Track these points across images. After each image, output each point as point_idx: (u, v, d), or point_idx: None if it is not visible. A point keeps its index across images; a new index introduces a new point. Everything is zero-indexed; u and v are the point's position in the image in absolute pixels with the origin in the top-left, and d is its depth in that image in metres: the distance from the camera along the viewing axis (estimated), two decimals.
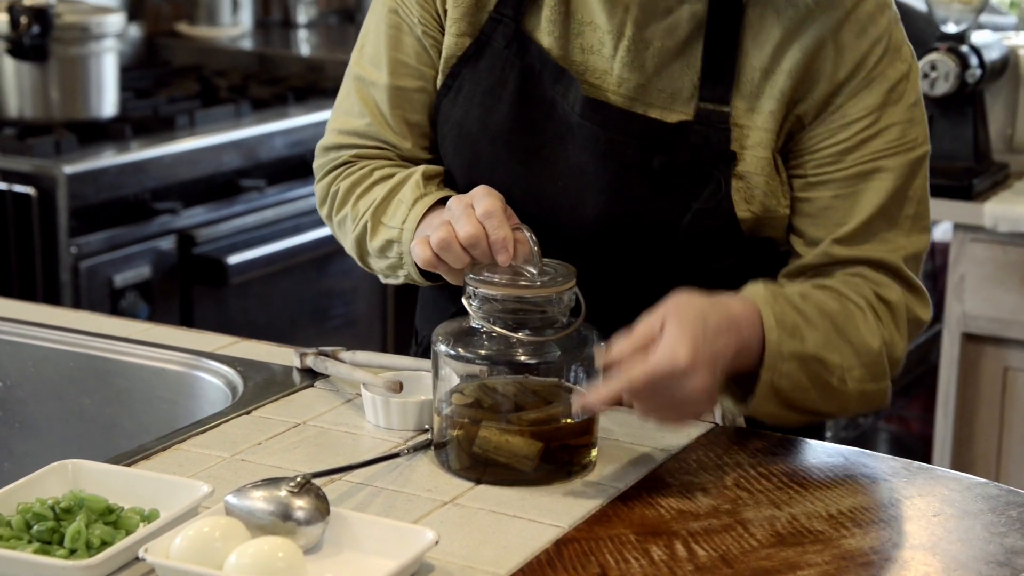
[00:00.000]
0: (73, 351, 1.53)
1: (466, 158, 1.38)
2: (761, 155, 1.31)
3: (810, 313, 1.28)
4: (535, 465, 1.20)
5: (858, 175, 1.32)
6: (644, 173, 1.32)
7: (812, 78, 1.30)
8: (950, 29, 2.65)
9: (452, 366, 1.21)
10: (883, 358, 1.30)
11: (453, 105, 1.39)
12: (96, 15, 2.78)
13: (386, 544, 1.07)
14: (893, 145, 1.32)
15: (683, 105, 1.32)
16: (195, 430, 1.30)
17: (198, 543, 1.03)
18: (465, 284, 1.22)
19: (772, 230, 1.35)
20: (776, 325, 1.25)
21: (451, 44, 1.39)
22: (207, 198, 2.81)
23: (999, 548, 1.13)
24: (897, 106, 1.32)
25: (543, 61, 1.35)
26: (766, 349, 1.25)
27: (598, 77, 1.34)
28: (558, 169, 1.35)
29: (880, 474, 1.26)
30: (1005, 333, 2.57)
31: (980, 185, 2.59)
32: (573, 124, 1.34)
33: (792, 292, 1.30)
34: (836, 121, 1.31)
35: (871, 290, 1.32)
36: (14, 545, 1.06)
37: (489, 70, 1.37)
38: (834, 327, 1.28)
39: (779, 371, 1.25)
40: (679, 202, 1.32)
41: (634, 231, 1.34)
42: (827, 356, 1.27)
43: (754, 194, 1.32)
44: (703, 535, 1.13)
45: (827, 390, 1.28)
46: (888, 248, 1.33)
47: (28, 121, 2.73)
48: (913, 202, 1.34)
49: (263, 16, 3.81)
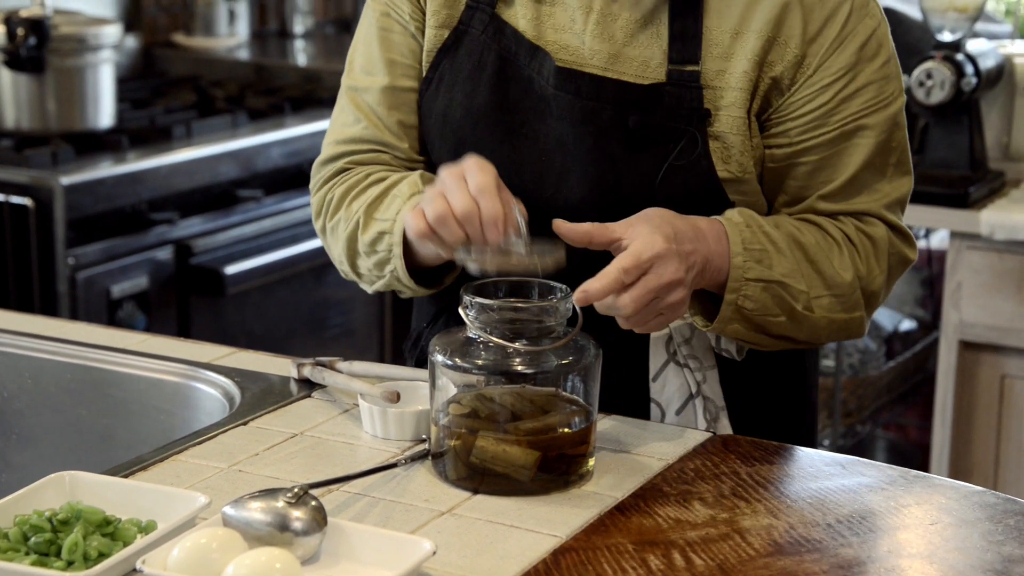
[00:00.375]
0: (70, 362, 1.53)
1: (451, 144, 1.40)
2: (736, 115, 1.34)
3: (780, 242, 1.33)
4: (532, 475, 1.20)
5: (841, 135, 1.36)
6: (621, 135, 1.35)
7: (782, 39, 1.33)
8: (945, 37, 2.65)
9: (449, 376, 1.21)
10: (855, 290, 1.36)
11: (436, 96, 1.42)
12: (93, 26, 2.78)
13: (383, 554, 1.07)
14: (872, 103, 1.36)
15: (654, 72, 1.35)
16: (192, 441, 1.30)
17: (195, 554, 1.03)
18: (461, 294, 1.22)
19: (749, 197, 1.37)
20: (743, 250, 1.31)
21: (431, 37, 1.42)
22: (204, 208, 2.81)
23: (996, 556, 1.13)
24: (872, 63, 1.35)
25: (518, 41, 1.38)
26: (730, 271, 1.30)
27: (571, 53, 1.37)
28: (539, 144, 1.37)
29: (877, 482, 1.26)
30: (1002, 341, 2.57)
31: (976, 193, 2.59)
32: (549, 97, 1.36)
33: (768, 220, 1.34)
34: (814, 84, 1.34)
35: (853, 225, 1.38)
36: (11, 557, 1.06)
37: (468, 56, 1.40)
38: (805, 257, 1.34)
39: (743, 293, 1.31)
40: (657, 161, 1.35)
41: (617, 197, 1.36)
42: (792, 283, 1.33)
43: (731, 154, 1.35)
44: (700, 544, 1.13)
45: (793, 315, 1.33)
46: (873, 198, 1.38)
47: (25, 132, 2.73)
48: (896, 151, 1.39)
49: (260, 26, 3.81)
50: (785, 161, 1.37)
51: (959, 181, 2.60)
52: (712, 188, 1.35)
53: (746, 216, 1.33)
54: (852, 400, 2.95)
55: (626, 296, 1.21)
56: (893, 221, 1.39)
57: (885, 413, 3.06)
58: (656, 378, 1.41)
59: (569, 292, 1.23)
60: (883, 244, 1.38)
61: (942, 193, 2.57)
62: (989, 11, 3.09)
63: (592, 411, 1.23)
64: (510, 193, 1.26)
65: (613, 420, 1.36)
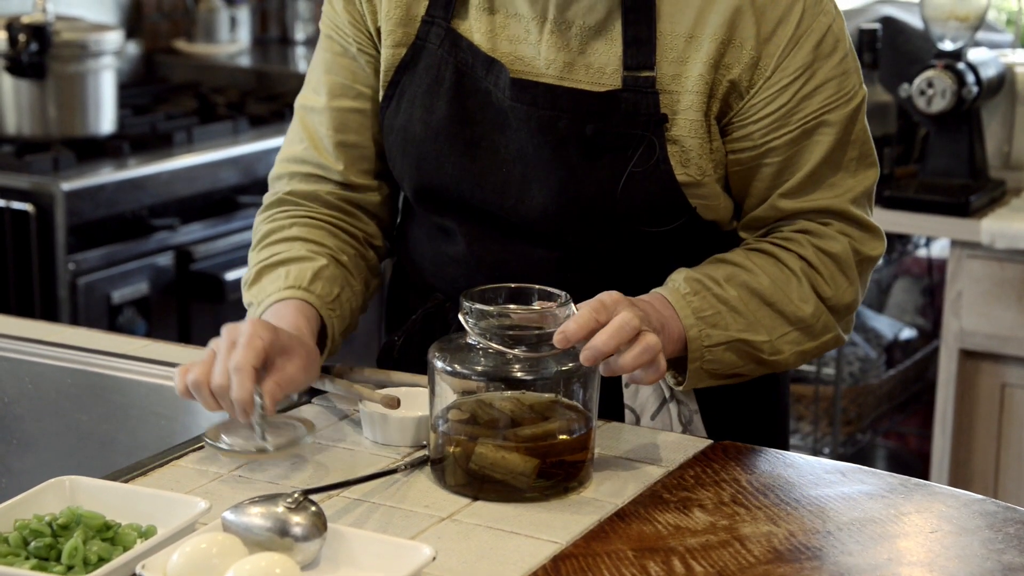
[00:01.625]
0: (71, 367, 1.53)
1: (412, 160, 1.41)
2: (693, 118, 1.34)
3: (732, 299, 1.34)
4: (531, 482, 1.20)
5: (803, 133, 1.36)
6: (579, 144, 1.35)
7: (737, 41, 1.33)
8: (947, 46, 2.65)
9: (448, 382, 1.21)
10: (819, 318, 1.38)
11: (396, 114, 1.43)
12: (94, 32, 2.78)
13: (383, 560, 1.06)
14: (832, 99, 1.36)
15: (610, 78, 1.35)
16: (192, 446, 1.30)
17: (195, 559, 1.03)
18: (461, 301, 1.22)
19: (711, 200, 1.38)
20: (696, 320, 1.32)
21: (388, 56, 1.43)
22: (205, 214, 2.81)
23: (997, 565, 1.13)
24: (829, 60, 1.35)
25: (474, 54, 1.38)
26: (688, 342, 1.32)
27: (527, 64, 1.37)
28: (499, 157, 1.38)
29: (878, 490, 1.26)
30: (1002, 350, 2.57)
31: (977, 202, 2.59)
32: (506, 109, 1.37)
33: (717, 275, 1.35)
34: (772, 86, 1.34)
35: (812, 247, 1.38)
36: (11, 562, 1.06)
37: (427, 70, 1.40)
38: (763, 302, 1.35)
39: (706, 359, 1.34)
40: (616, 168, 1.35)
41: (578, 206, 1.36)
42: (752, 337, 1.35)
43: (689, 157, 1.35)
44: (700, 551, 1.13)
45: (761, 361, 1.37)
46: (834, 193, 1.39)
47: (26, 138, 2.73)
48: (856, 145, 1.39)
49: (261, 33, 3.81)
50: (750, 164, 1.37)
51: (960, 190, 2.60)
52: (672, 193, 1.35)
53: (692, 283, 1.34)
54: (852, 408, 2.95)
55: (604, 335, 1.20)
56: (857, 216, 1.39)
57: (885, 421, 3.06)
58: (628, 384, 1.41)
59: (569, 299, 1.23)
60: (846, 257, 1.38)
61: (943, 202, 2.57)
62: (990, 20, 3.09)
63: (592, 418, 1.23)
64: (271, 371, 1.25)
65: (613, 426, 1.36)
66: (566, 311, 1.22)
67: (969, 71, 2.62)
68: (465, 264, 1.43)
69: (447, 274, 1.45)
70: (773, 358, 1.36)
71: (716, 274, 1.35)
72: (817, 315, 1.38)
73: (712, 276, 1.35)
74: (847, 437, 2.94)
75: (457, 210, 1.42)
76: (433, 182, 1.41)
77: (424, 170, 1.41)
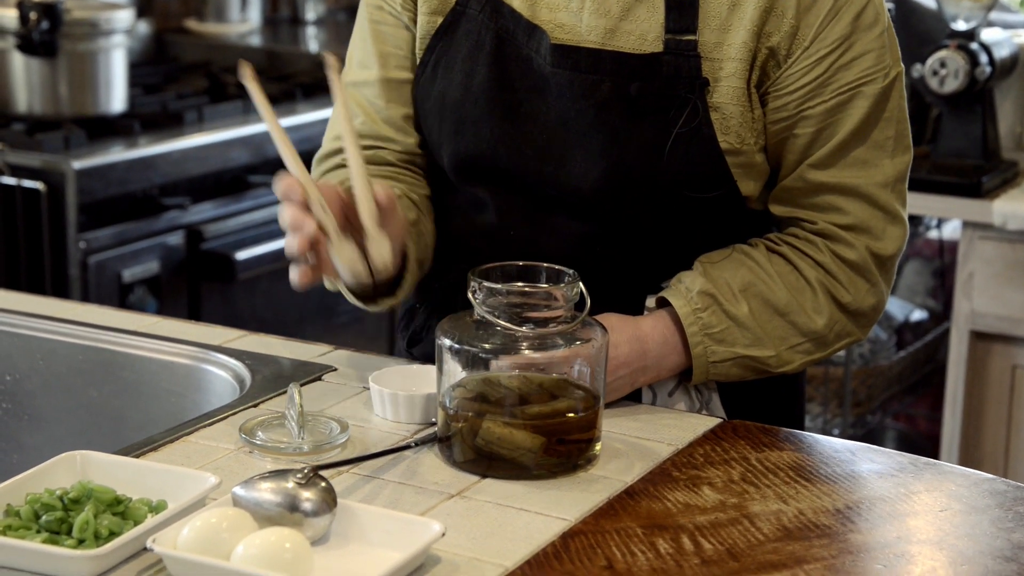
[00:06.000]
0: (82, 344, 1.53)
1: (451, 124, 1.40)
2: (735, 85, 1.34)
3: (743, 315, 1.35)
4: (538, 459, 1.20)
5: (837, 105, 1.36)
6: (622, 107, 1.34)
7: (779, 9, 1.33)
8: (960, 27, 2.64)
9: (456, 360, 1.21)
10: (832, 328, 1.38)
11: (433, 80, 1.42)
12: (105, 11, 2.78)
13: (393, 536, 1.07)
14: (869, 72, 1.35)
15: (652, 44, 1.35)
16: (203, 422, 1.30)
17: (205, 534, 1.03)
18: (469, 278, 1.22)
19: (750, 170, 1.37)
20: (703, 338, 1.35)
21: (423, 24, 1.42)
22: (215, 194, 2.81)
23: (1006, 543, 1.13)
24: (868, 32, 1.35)
25: (516, 20, 1.38)
26: (693, 360, 1.36)
27: (567, 31, 1.37)
28: (540, 123, 1.37)
29: (887, 469, 1.26)
30: (1014, 331, 2.57)
31: (989, 183, 2.58)
32: (547, 75, 1.36)
33: (734, 283, 1.36)
34: (810, 56, 1.34)
35: (829, 253, 1.38)
36: (23, 535, 1.06)
37: (466, 36, 1.40)
38: (776, 313, 1.36)
39: (710, 372, 1.37)
40: (660, 130, 1.34)
41: (622, 172, 1.35)
42: (758, 353, 1.36)
43: (730, 125, 1.35)
44: (709, 529, 1.13)
45: (766, 373, 1.39)
46: (865, 173, 1.37)
47: (37, 117, 2.73)
48: (893, 122, 1.38)
49: (271, 13, 3.81)
50: (783, 133, 1.37)
51: (972, 171, 2.59)
52: (714, 159, 1.35)
53: (704, 298, 1.34)
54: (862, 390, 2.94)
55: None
56: (884, 202, 1.38)
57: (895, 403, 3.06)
58: None
59: (577, 276, 1.23)
60: (863, 263, 1.38)
61: (955, 183, 2.56)
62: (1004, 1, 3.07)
63: (599, 396, 1.23)
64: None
65: (621, 405, 1.36)
66: (574, 289, 1.22)
67: (982, 51, 2.61)
68: (493, 237, 1.42)
69: (474, 247, 1.44)
70: (780, 369, 1.38)
71: (733, 283, 1.36)
72: (830, 326, 1.38)
73: (729, 285, 1.36)
74: (857, 419, 2.94)
75: (492, 180, 1.40)
76: (470, 148, 1.39)
77: (462, 135, 1.40)
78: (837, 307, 1.38)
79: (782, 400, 1.51)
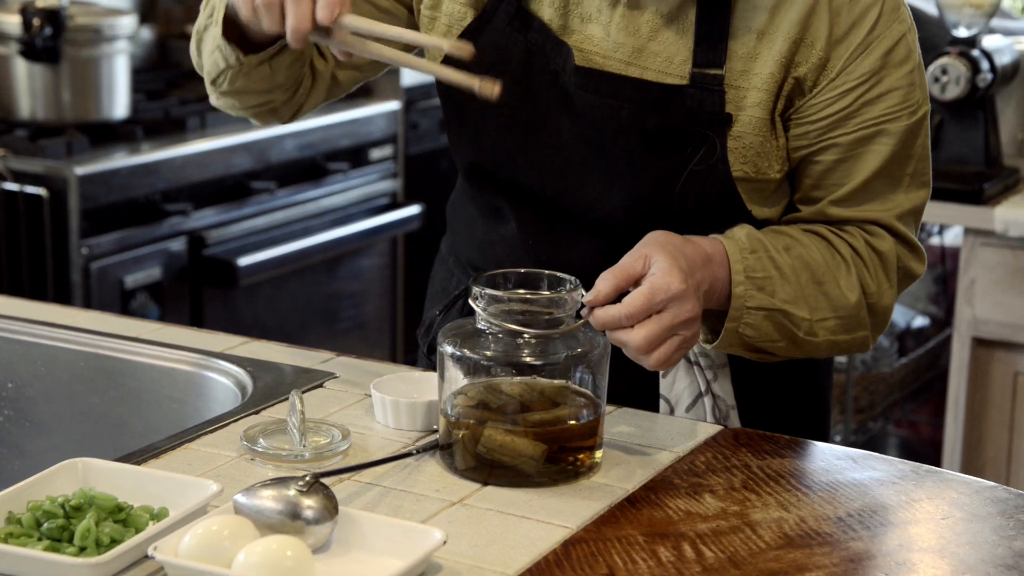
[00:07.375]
0: (83, 351, 1.53)
1: (470, 133, 1.40)
2: (758, 115, 1.32)
3: (786, 267, 1.32)
4: (539, 466, 1.20)
5: (860, 139, 1.34)
6: (640, 136, 1.33)
7: (808, 40, 1.31)
8: (961, 33, 2.64)
9: (458, 367, 1.21)
10: (860, 310, 1.35)
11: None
12: (108, 17, 2.79)
13: (394, 544, 1.07)
14: (895, 109, 1.33)
15: (678, 69, 1.33)
16: (204, 429, 1.31)
17: (207, 541, 1.03)
18: (471, 285, 1.23)
19: (765, 196, 1.36)
20: (745, 278, 1.30)
21: (454, 12, 1.40)
22: (218, 200, 2.81)
23: (1008, 551, 1.13)
24: (898, 69, 1.33)
25: (544, 35, 1.37)
26: (732, 300, 1.30)
27: (595, 44, 1.35)
28: (560, 140, 1.37)
29: (889, 477, 1.26)
30: (1015, 338, 2.57)
31: (991, 189, 2.59)
32: (571, 94, 1.36)
33: (777, 242, 1.33)
34: (838, 87, 1.32)
35: (863, 240, 1.36)
36: (24, 543, 1.06)
37: (492, 47, 1.38)
38: (812, 279, 1.33)
39: (744, 321, 1.31)
40: (675, 164, 1.33)
41: (634, 202, 1.35)
42: (794, 311, 1.32)
43: (747, 154, 1.33)
44: (711, 536, 1.13)
45: (794, 340, 1.33)
46: (884, 207, 1.36)
47: (40, 122, 2.74)
48: (914, 160, 1.36)
49: None
50: (802, 160, 1.36)
51: (974, 177, 2.59)
52: (728, 194, 1.34)
53: (752, 240, 1.32)
54: (864, 396, 2.94)
55: (638, 333, 1.20)
56: (903, 233, 1.37)
57: (897, 410, 3.06)
58: (666, 374, 1.41)
59: (578, 284, 1.23)
60: (891, 258, 1.37)
61: (956, 189, 2.56)
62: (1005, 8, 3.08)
63: (601, 404, 1.23)
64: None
65: (623, 413, 1.36)
66: (576, 296, 1.22)
67: (983, 58, 2.61)
68: (514, 245, 1.42)
69: (494, 254, 1.44)
70: (807, 338, 1.33)
71: (776, 241, 1.34)
72: (859, 307, 1.35)
73: (772, 241, 1.33)
74: (858, 425, 2.94)
75: (509, 190, 1.40)
76: (489, 158, 1.39)
77: (481, 145, 1.39)
78: (863, 292, 1.36)
79: (805, 418, 1.49)
